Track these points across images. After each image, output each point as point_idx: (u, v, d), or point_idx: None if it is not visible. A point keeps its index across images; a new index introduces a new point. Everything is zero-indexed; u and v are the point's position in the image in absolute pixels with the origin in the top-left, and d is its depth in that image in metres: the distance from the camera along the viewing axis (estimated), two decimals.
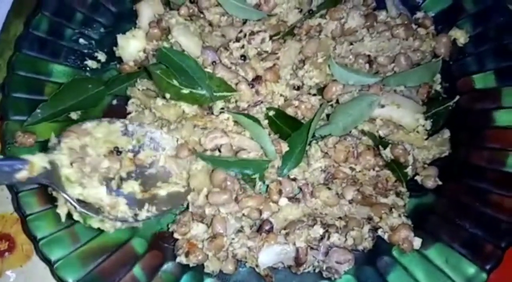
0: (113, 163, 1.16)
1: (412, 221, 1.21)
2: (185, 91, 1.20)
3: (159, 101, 1.23)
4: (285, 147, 1.17)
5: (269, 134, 1.22)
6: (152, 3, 1.39)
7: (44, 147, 1.15)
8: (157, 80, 1.22)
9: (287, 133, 1.21)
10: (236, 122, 1.22)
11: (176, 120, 1.24)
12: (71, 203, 1.07)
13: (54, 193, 1.09)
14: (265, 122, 1.25)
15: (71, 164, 1.09)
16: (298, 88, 1.27)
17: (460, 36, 1.33)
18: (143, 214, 1.15)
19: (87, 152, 1.13)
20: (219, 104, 1.24)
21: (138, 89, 1.28)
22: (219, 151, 1.17)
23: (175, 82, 1.20)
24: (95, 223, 1.10)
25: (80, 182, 1.08)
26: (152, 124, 1.25)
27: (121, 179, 1.17)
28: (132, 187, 1.16)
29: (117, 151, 1.18)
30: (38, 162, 1.03)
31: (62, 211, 1.09)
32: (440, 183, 1.23)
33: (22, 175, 1.00)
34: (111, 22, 1.42)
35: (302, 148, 1.17)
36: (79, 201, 1.08)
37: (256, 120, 1.22)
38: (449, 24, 1.36)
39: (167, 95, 1.21)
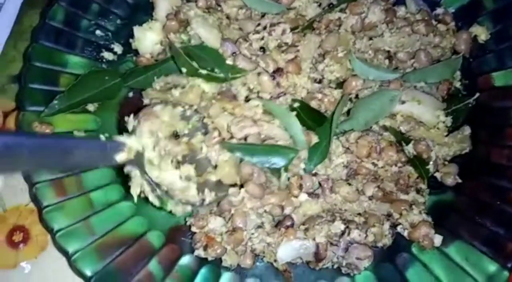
0: (174, 146, 1.14)
1: (432, 218, 1.19)
2: (203, 71, 1.19)
3: (176, 92, 1.21)
4: (315, 138, 1.16)
5: None
6: None
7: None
8: (176, 55, 1.20)
9: (311, 126, 1.19)
10: (265, 111, 1.21)
11: (202, 100, 1.22)
12: (154, 186, 1.06)
13: (132, 173, 1.07)
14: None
15: (154, 147, 1.08)
16: (320, 81, 1.25)
17: (481, 33, 1.32)
18: (207, 199, 1.12)
19: (158, 135, 1.12)
20: (243, 92, 1.22)
21: (156, 89, 1.26)
22: (245, 139, 1.15)
23: (194, 64, 1.19)
24: (170, 206, 1.09)
25: (159, 165, 1.08)
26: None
27: (178, 162, 1.15)
28: (189, 170, 1.13)
29: (176, 135, 1.16)
30: (134, 144, 1.04)
31: (135, 191, 1.07)
32: (460, 180, 1.22)
33: (121, 156, 1.00)
34: (128, 14, 1.40)
35: (327, 142, 1.16)
36: (156, 184, 1.08)
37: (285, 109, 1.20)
38: (470, 20, 1.35)
39: (184, 70, 1.19)
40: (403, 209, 1.18)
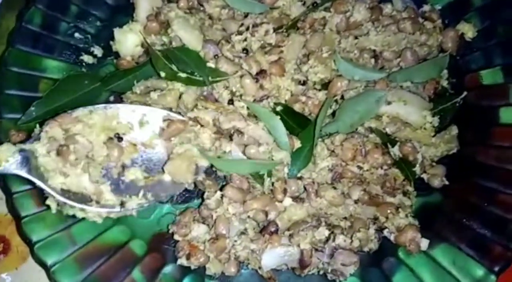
0: (112, 150, 1.13)
1: (418, 220, 1.18)
2: (182, 75, 1.18)
3: (154, 95, 1.19)
4: (297, 143, 1.14)
5: None
6: None
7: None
8: (155, 58, 1.18)
9: (295, 130, 1.17)
10: (249, 114, 1.18)
11: (180, 103, 1.20)
12: (45, 191, 1.06)
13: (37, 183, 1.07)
14: None
15: (48, 152, 1.07)
16: (304, 83, 1.23)
17: (468, 30, 1.29)
18: (133, 202, 1.13)
19: (76, 140, 1.10)
20: (225, 95, 1.20)
21: (136, 93, 1.23)
22: (231, 138, 1.13)
23: (173, 67, 1.17)
24: (76, 211, 1.09)
25: (60, 171, 1.07)
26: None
27: (123, 167, 1.15)
28: (134, 174, 1.14)
29: (118, 137, 1.15)
30: (4, 151, 1.03)
31: (51, 202, 1.08)
32: (447, 182, 1.20)
33: (11, 165, 1.02)
34: (108, 15, 1.36)
35: (311, 146, 1.14)
36: (63, 191, 1.07)
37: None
38: (457, 18, 1.32)
39: (162, 74, 1.17)
40: (390, 212, 1.16)
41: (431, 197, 1.23)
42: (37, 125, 1.10)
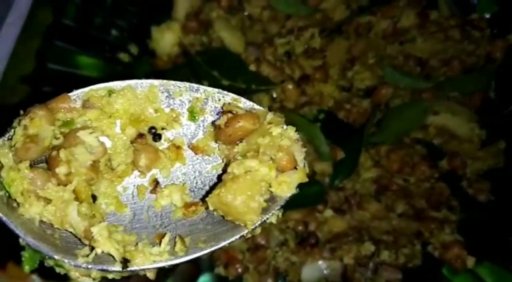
0: (141, 154, 0.66)
1: (463, 236, 1.13)
2: (225, 82, 1.13)
3: None
4: (340, 154, 1.09)
5: None
6: None
7: None
8: (197, 67, 1.14)
9: (338, 139, 1.13)
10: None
11: None
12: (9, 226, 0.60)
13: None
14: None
15: (20, 162, 0.60)
16: (348, 89, 1.18)
17: None
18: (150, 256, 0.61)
19: (79, 139, 0.62)
20: (265, 102, 1.16)
21: None
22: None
23: (215, 73, 1.12)
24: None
25: (38, 193, 0.61)
26: None
27: (157, 183, 0.69)
28: (171, 195, 0.68)
29: (154, 134, 0.68)
30: None
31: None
32: (493, 197, 1.15)
33: None
34: (144, 12, 1.32)
35: (355, 157, 1.10)
36: (43, 225, 0.62)
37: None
38: (506, 27, 1.28)
39: (205, 83, 1.12)
40: (434, 227, 1.12)
41: (476, 212, 1.19)
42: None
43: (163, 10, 1.31)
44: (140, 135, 0.68)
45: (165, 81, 0.68)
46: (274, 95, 1.17)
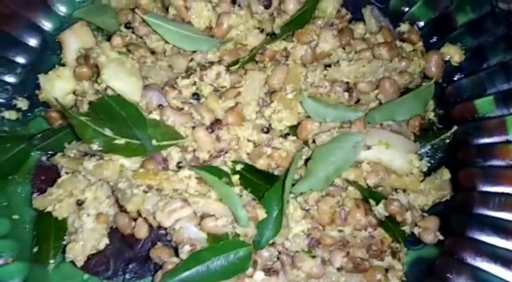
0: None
1: (412, 277, 1.03)
2: (120, 141, 0.97)
3: (89, 164, 0.98)
4: (262, 214, 0.94)
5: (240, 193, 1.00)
6: (78, 32, 1.13)
7: None
8: (79, 128, 0.97)
9: (261, 189, 0.98)
10: (199, 179, 0.99)
11: (118, 181, 1.00)
12: None
13: None
14: (235, 177, 1.01)
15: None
16: (267, 131, 1.03)
17: (454, 53, 1.12)
18: None
19: None
20: (175, 156, 1.01)
21: (69, 156, 1.03)
22: None
23: (107, 131, 0.96)
24: None
25: None
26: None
27: None
28: None
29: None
30: None
31: None
32: (441, 237, 1.03)
33: None
34: (31, 60, 1.15)
35: (279, 212, 0.95)
36: None
37: (225, 174, 0.99)
38: (440, 38, 1.14)
39: (94, 146, 0.96)
40: (378, 278, 0.99)
41: (425, 250, 1.07)
42: None
43: (52, 55, 1.14)
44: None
45: None
46: (185, 144, 1.02)
